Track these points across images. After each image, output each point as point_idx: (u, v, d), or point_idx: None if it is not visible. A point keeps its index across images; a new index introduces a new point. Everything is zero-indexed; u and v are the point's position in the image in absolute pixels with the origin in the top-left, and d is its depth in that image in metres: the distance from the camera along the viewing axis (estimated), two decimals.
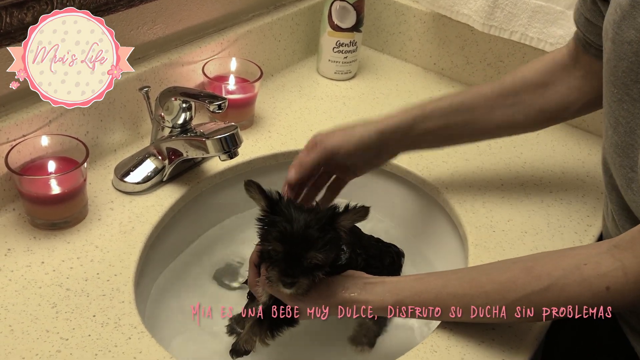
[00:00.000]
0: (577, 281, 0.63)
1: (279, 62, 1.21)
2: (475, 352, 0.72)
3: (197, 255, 0.96)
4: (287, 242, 0.67)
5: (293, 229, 0.67)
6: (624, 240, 0.64)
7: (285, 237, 0.67)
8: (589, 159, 1.07)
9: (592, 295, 0.63)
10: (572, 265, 0.64)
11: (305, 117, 1.10)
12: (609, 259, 0.63)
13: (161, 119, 0.90)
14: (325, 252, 0.67)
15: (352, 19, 1.17)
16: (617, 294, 0.62)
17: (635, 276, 0.61)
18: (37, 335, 0.69)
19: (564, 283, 0.64)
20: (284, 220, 0.67)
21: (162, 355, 0.69)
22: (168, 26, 1.01)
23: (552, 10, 1.06)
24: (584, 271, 0.63)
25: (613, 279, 0.62)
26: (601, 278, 0.62)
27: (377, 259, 0.83)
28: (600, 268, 0.63)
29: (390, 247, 0.89)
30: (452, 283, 0.70)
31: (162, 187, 0.91)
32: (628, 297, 0.62)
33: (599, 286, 0.62)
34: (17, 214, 0.84)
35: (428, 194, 1.00)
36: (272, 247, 0.68)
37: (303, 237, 0.67)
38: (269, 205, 0.69)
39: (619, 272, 0.62)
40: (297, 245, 0.67)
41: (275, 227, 0.67)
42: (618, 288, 0.62)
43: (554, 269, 0.65)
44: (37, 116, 0.83)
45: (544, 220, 0.93)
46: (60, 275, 0.76)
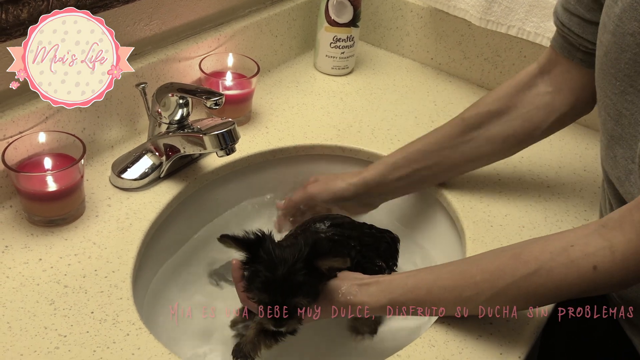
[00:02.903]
0: (565, 263, 0.63)
1: (276, 57, 1.21)
2: (473, 346, 0.72)
3: (195, 252, 0.96)
4: (271, 291, 0.68)
5: (275, 278, 0.67)
6: (612, 220, 0.64)
7: (269, 286, 0.68)
8: (586, 153, 1.07)
9: (579, 276, 0.63)
10: (560, 247, 0.64)
11: (303, 113, 1.10)
12: (597, 238, 0.63)
13: (158, 115, 0.90)
14: (310, 295, 0.69)
15: (349, 14, 1.17)
16: (605, 274, 0.62)
17: (623, 254, 0.61)
18: (35, 332, 0.69)
19: (551, 266, 0.64)
20: (266, 269, 0.68)
21: (161, 352, 0.69)
22: (165, 22, 1.00)
23: (549, 5, 1.06)
24: (571, 252, 0.63)
25: (600, 258, 0.62)
26: (588, 258, 0.62)
27: (371, 248, 0.84)
28: (587, 248, 0.63)
29: (385, 233, 0.89)
30: (443, 277, 0.70)
31: (160, 183, 0.91)
32: (616, 276, 0.62)
33: (586, 266, 0.62)
34: (14, 210, 0.83)
35: (426, 189, 1.00)
36: (258, 298, 0.69)
37: (287, 284, 0.68)
38: (250, 250, 0.70)
39: (607, 250, 0.61)
40: (282, 293, 0.68)
41: (258, 277, 0.68)
42: (605, 267, 0.61)
43: (541, 252, 0.65)
44: (33, 113, 0.83)
45: (541, 214, 0.93)
46: (58, 272, 0.76)
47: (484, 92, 1.21)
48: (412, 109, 1.14)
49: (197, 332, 0.85)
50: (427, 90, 1.20)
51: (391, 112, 1.13)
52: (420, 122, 1.11)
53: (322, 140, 1.04)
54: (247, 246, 0.70)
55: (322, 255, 0.69)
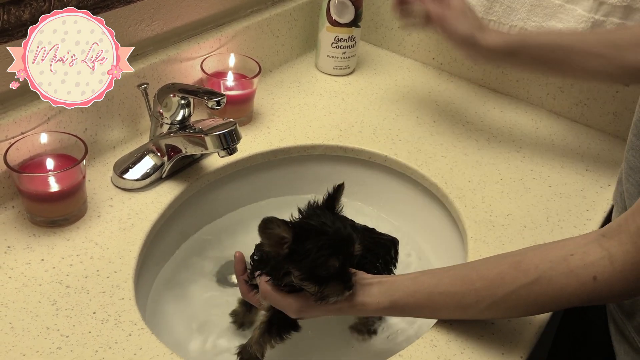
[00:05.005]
0: (564, 272, 0.63)
1: (277, 57, 1.21)
2: (475, 346, 0.72)
3: (196, 252, 0.96)
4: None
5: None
6: (611, 229, 0.63)
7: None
8: (588, 153, 1.07)
9: (580, 285, 0.62)
10: (560, 256, 0.64)
11: (304, 113, 1.10)
12: (596, 248, 0.62)
13: (160, 115, 0.90)
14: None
15: (351, 14, 1.17)
16: (605, 284, 0.61)
17: (622, 264, 0.60)
18: (38, 332, 0.69)
19: (551, 275, 0.63)
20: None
21: (163, 352, 0.69)
22: (166, 23, 1.00)
23: (550, 4, 1.06)
24: (571, 262, 0.63)
25: (600, 268, 0.61)
26: (588, 268, 0.62)
27: (371, 252, 0.84)
28: (587, 258, 0.62)
29: (383, 236, 0.89)
30: (444, 282, 0.70)
31: (161, 183, 0.91)
32: (615, 286, 0.61)
33: (586, 276, 0.62)
34: (16, 211, 0.84)
35: (427, 189, 1.00)
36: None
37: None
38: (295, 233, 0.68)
39: (606, 260, 0.61)
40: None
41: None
42: (605, 277, 0.61)
43: (541, 261, 0.65)
44: (35, 114, 0.83)
45: (543, 214, 0.93)
46: (60, 273, 0.76)
47: (485, 92, 1.21)
48: (414, 109, 1.14)
49: (198, 332, 0.85)
50: (428, 90, 1.20)
51: (393, 112, 1.13)
52: (422, 122, 1.11)
53: (323, 140, 1.04)
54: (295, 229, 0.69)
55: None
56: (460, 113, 1.14)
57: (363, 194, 1.07)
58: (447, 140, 1.07)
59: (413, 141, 1.06)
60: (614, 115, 1.10)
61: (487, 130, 1.10)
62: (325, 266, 0.67)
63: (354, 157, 1.05)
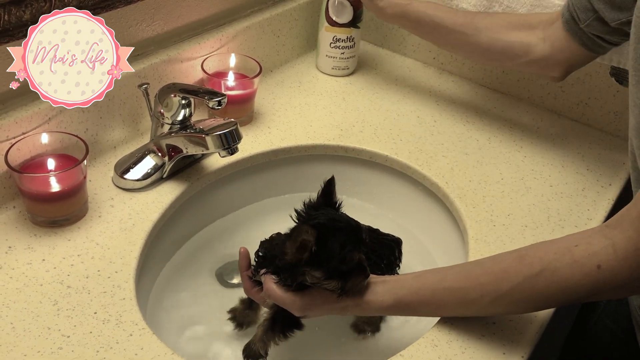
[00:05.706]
0: (569, 263, 0.63)
1: (278, 57, 1.21)
2: (476, 345, 0.72)
3: (197, 252, 0.96)
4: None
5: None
6: (614, 219, 0.64)
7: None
8: (589, 152, 1.07)
9: (584, 275, 0.63)
10: (564, 248, 0.65)
11: (305, 113, 1.10)
12: (600, 238, 0.63)
13: (160, 115, 0.90)
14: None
15: (349, 14, 1.17)
16: (608, 273, 0.62)
17: (624, 251, 0.61)
18: (39, 332, 0.69)
19: (555, 266, 0.64)
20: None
21: (164, 352, 0.69)
22: (167, 23, 1.00)
23: (550, 4, 1.06)
24: (575, 252, 0.63)
25: (604, 257, 0.62)
26: (592, 257, 0.62)
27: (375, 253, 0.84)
28: (591, 247, 0.63)
29: (387, 236, 0.88)
30: (448, 278, 0.70)
31: (162, 183, 0.91)
32: (619, 275, 0.62)
33: (590, 266, 0.62)
34: (17, 211, 0.84)
35: (428, 189, 1.00)
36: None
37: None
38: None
39: (609, 249, 0.62)
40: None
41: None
42: (609, 266, 0.62)
43: (545, 254, 0.65)
44: (36, 114, 0.83)
45: (544, 214, 0.93)
46: (61, 273, 0.77)
47: (486, 91, 1.21)
48: (415, 109, 1.14)
49: (199, 331, 0.85)
50: (429, 90, 1.20)
51: (393, 111, 1.13)
52: (423, 122, 1.11)
53: (324, 140, 1.04)
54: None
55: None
56: (461, 113, 1.14)
57: (364, 194, 1.07)
58: (448, 139, 1.07)
59: (414, 141, 1.06)
60: (614, 115, 1.10)
61: (488, 130, 1.10)
62: (351, 262, 0.67)
63: (354, 157, 1.05)
